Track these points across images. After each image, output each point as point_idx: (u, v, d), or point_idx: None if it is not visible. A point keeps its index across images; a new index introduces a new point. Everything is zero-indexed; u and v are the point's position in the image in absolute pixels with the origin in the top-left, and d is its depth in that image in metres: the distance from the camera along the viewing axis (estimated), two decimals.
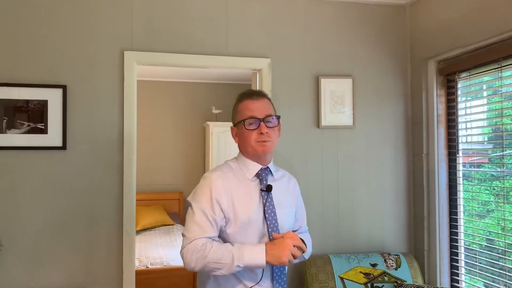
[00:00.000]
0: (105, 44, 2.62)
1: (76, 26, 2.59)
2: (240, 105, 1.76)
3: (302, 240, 1.71)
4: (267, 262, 1.57)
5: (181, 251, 1.64)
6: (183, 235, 1.66)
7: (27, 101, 2.50)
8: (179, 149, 6.28)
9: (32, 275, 2.47)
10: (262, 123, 1.69)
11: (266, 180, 1.74)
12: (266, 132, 1.69)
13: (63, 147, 2.53)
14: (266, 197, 1.70)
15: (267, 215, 1.68)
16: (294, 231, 1.81)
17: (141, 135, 4.78)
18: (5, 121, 2.46)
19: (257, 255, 1.57)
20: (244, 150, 1.76)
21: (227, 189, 1.68)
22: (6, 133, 2.46)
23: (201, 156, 6.38)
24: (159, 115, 6.22)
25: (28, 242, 2.48)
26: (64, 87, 2.54)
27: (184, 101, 6.31)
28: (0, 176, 2.46)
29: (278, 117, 1.77)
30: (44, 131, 2.51)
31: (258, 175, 1.75)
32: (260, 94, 1.77)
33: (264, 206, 1.69)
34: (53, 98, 2.53)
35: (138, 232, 5.14)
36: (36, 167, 2.51)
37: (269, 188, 1.70)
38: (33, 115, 2.50)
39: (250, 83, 3.17)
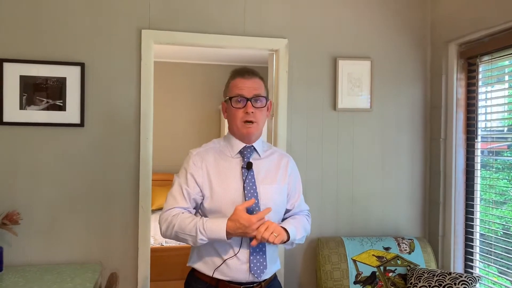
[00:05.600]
0: (123, 23, 2.63)
1: (95, 4, 2.60)
2: (231, 82, 1.80)
3: (286, 231, 1.70)
4: (229, 235, 1.61)
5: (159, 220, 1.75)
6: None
7: (46, 78, 2.52)
8: (195, 130, 6.30)
9: (50, 249, 2.53)
10: (249, 102, 1.73)
11: (248, 158, 1.79)
12: (252, 112, 1.73)
13: (81, 124, 2.56)
14: (246, 174, 1.75)
15: (246, 191, 1.73)
16: (288, 211, 1.88)
17: (158, 116, 4.81)
18: (24, 97, 2.50)
19: (217, 228, 1.61)
20: (230, 127, 1.83)
21: (204, 165, 1.76)
22: (26, 109, 2.50)
23: (216, 138, 6.39)
24: (176, 96, 6.23)
25: (46, 217, 2.53)
26: (82, 65, 2.56)
27: (200, 82, 6.30)
28: (19, 152, 2.51)
29: (267, 98, 1.80)
30: (62, 108, 2.55)
31: (241, 152, 1.80)
32: (252, 73, 1.79)
33: (243, 183, 1.73)
34: (72, 75, 2.55)
35: (153, 211, 5.21)
36: (55, 143, 2.55)
37: (249, 166, 1.76)
38: (52, 92, 2.53)
39: (266, 65, 3.15)
